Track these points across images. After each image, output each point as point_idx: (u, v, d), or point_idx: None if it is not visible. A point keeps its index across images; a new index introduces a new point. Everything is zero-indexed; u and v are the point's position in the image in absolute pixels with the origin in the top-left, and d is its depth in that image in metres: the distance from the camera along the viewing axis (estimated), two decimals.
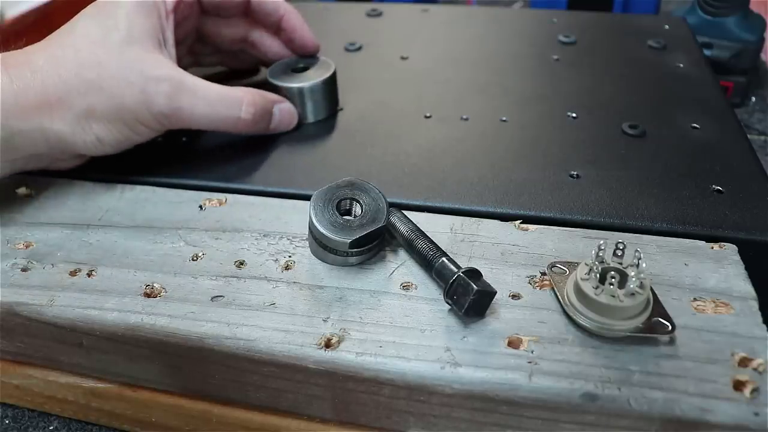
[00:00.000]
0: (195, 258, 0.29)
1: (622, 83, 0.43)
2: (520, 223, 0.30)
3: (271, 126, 0.37)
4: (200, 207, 0.32)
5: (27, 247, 0.30)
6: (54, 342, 0.28)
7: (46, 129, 0.30)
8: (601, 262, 0.24)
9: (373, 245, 0.28)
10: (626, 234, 0.29)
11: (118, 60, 0.31)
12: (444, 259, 0.26)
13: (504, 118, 0.39)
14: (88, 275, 0.28)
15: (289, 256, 0.28)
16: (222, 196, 0.33)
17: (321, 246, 0.27)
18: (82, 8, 0.33)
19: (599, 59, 0.46)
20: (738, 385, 0.21)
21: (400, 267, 0.27)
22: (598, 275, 0.23)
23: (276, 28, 0.41)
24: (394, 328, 0.24)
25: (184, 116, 0.33)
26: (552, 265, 0.26)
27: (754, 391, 0.21)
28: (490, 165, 0.35)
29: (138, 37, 0.32)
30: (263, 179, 0.34)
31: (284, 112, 0.37)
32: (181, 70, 0.33)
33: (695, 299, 0.25)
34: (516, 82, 0.44)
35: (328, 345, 0.24)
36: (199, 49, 0.42)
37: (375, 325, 0.25)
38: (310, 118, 0.40)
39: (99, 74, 0.31)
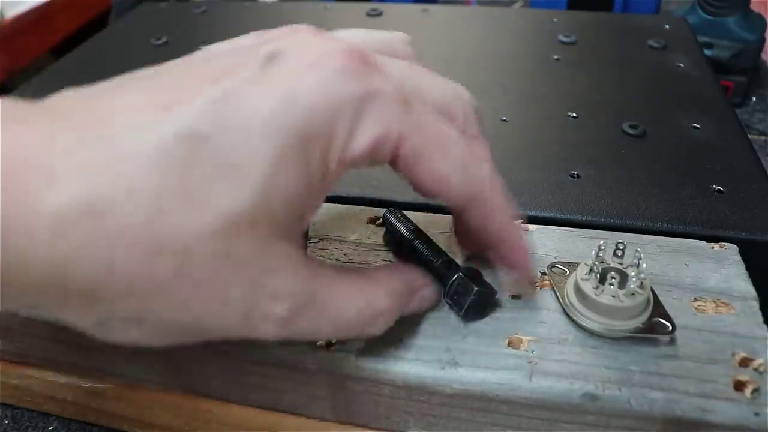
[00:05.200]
0: None
1: (622, 83, 0.43)
2: (520, 223, 0.29)
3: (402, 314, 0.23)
4: None
5: None
6: (53, 342, 0.28)
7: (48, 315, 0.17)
8: (602, 262, 0.24)
9: None
10: (626, 234, 0.29)
11: (211, 255, 0.17)
12: (444, 258, 0.26)
13: (504, 118, 0.39)
14: None
15: None
16: None
17: None
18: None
19: (599, 59, 0.46)
20: (738, 386, 0.21)
21: None
22: (598, 275, 0.23)
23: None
24: (393, 327, 0.24)
25: (290, 338, 0.20)
26: (552, 265, 0.26)
27: (755, 391, 0.21)
28: None
29: (268, 211, 0.17)
30: None
31: (424, 300, 0.24)
32: (313, 269, 0.20)
33: (696, 299, 0.25)
34: (516, 82, 0.44)
35: (328, 345, 0.24)
36: None
37: None
38: None
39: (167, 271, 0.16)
